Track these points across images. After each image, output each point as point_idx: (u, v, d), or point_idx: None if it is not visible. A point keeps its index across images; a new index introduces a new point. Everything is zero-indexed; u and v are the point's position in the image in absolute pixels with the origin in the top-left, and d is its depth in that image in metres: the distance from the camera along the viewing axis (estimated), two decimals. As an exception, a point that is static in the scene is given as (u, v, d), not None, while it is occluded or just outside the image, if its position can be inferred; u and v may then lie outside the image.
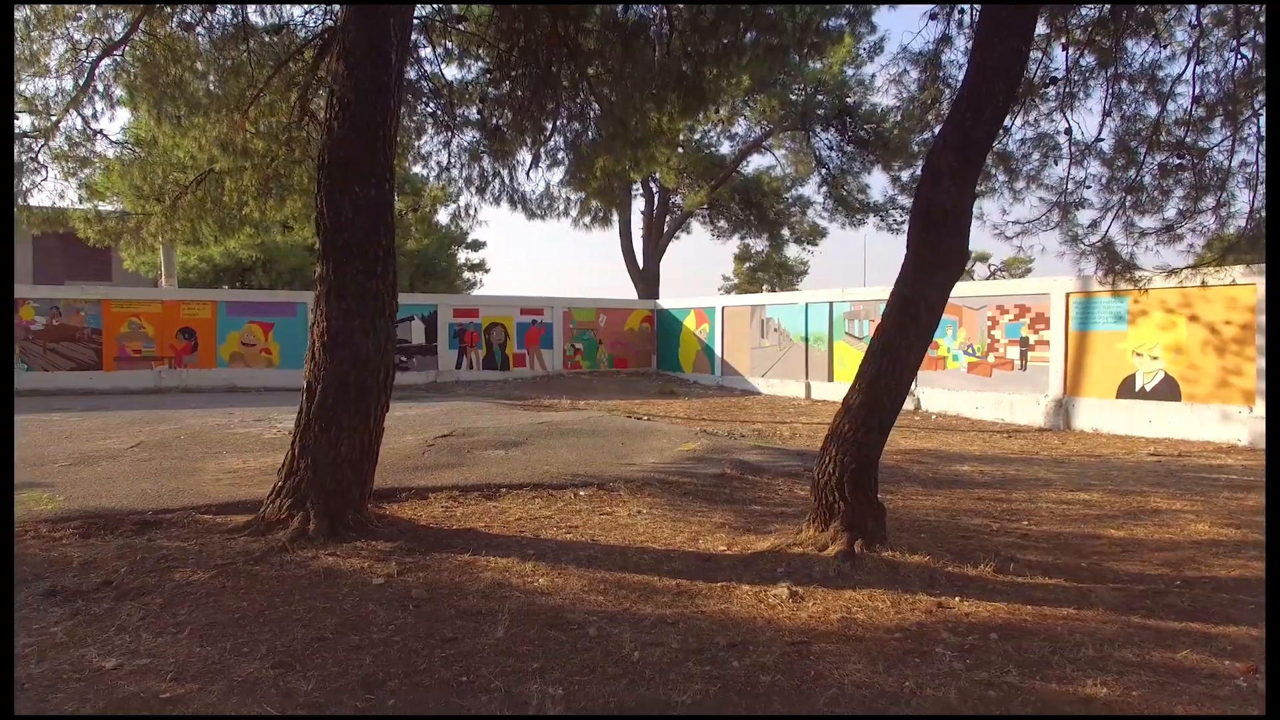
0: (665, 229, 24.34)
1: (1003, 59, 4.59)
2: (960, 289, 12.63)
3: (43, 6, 7.14)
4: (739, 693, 2.87)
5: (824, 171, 20.90)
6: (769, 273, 34.96)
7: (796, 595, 3.86)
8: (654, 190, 23.48)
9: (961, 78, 5.40)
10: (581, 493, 6.14)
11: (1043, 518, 5.82)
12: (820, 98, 19.71)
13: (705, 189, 21.36)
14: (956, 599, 3.86)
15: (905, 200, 16.31)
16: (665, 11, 8.12)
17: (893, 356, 4.62)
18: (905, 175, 14.03)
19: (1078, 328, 11.10)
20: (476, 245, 30.95)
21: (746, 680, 2.96)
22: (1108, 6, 6.76)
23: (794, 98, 19.62)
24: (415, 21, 7.53)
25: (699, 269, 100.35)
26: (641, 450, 8.12)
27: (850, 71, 19.08)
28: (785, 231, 24.05)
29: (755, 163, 23.25)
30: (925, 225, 4.55)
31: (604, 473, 6.80)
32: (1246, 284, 9.36)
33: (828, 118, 20.01)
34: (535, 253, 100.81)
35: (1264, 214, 6.46)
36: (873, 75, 19.12)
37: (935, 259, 4.57)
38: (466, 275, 33.05)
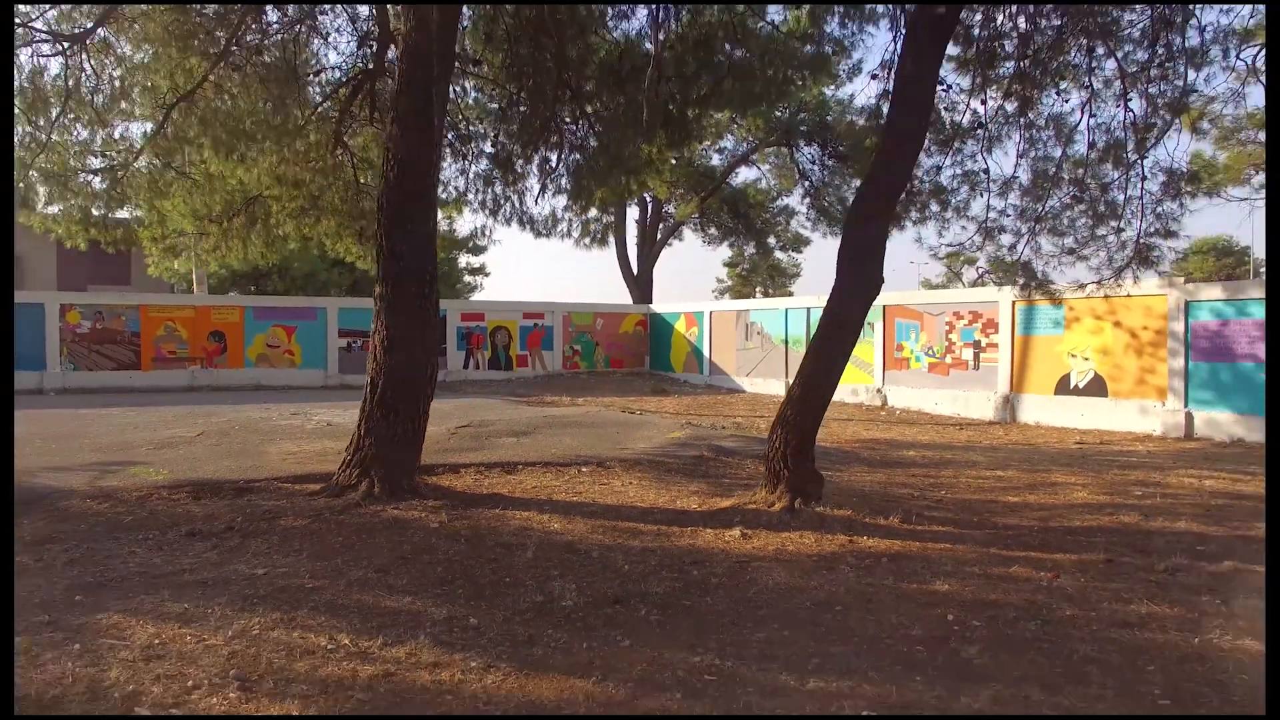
0: (659, 237, 25.69)
1: (910, 128, 5.93)
2: (922, 297, 14.04)
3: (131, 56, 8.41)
4: (696, 587, 4.19)
5: (807, 184, 22.25)
6: (762, 275, 36.32)
7: (746, 535, 5.19)
8: (648, 200, 24.79)
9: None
10: (584, 469, 7.45)
11: (959, 489, 7.15)
12: (803, 115, 21.05)
13: (695, 200, 22.71)
14: (865, 538, 5.18)
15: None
16: (654, 61, 9.42)
17: (825, 359, 5.94)
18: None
19: (1022, 332, 12.45)
20: (477, 249, 32.22)
21: (701, 580, 4.29)
22: (1025, 62, 8.12)
23: (779, 114, 20.95)
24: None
25: (694, 273, 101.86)
26: (634, 438, 9.44)
27: (830, 91, 20.42)
28: (771, 239, 25.43)
29: (743, 175, 24.65)
30: (852, 259, 5.88)
31: (602, 454, 8.12)
32: (1160, 295, 10.74)
33: (810, 134, 21.35)
34: (537, 260, 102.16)
35: (1139, 241, 7.82)
36: (851, 95, 20.50)
37: (859, 285, 5.89)
38: (467, 279, 34.35)
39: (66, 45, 6.40)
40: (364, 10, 9.95)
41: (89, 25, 6.35)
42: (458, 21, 7.34)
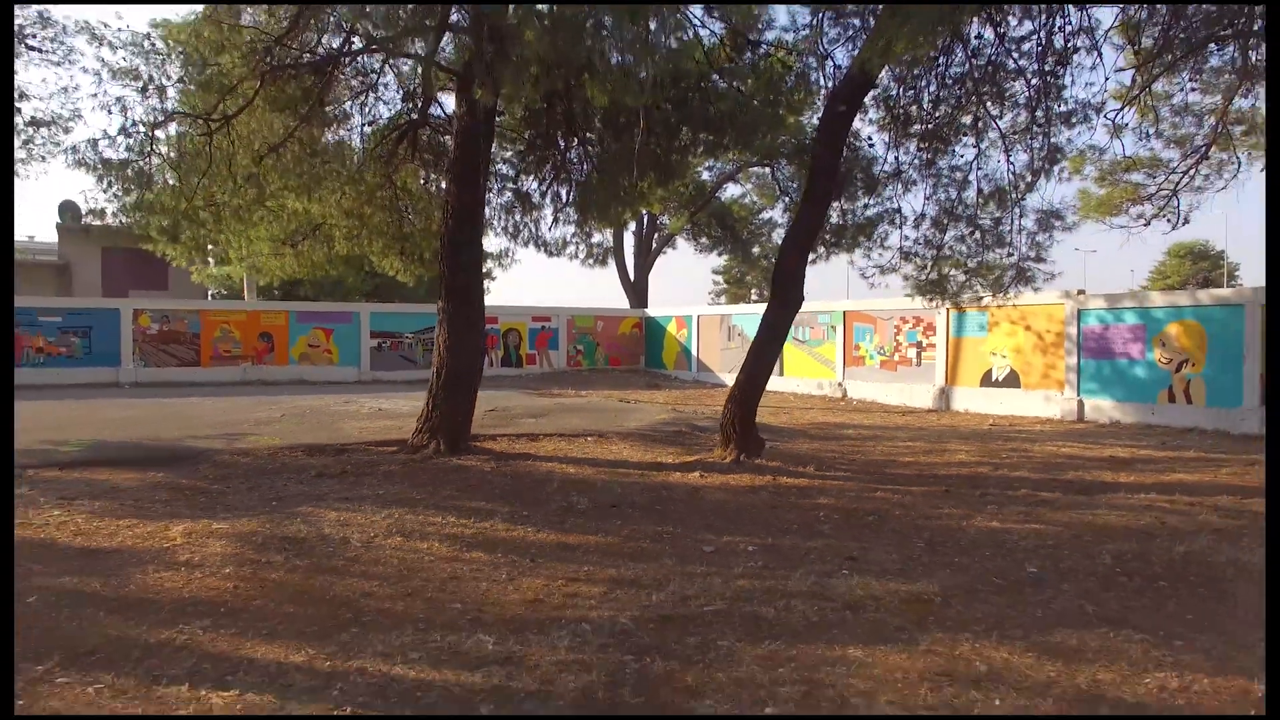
0: (653, 246, 27.98)
1: (820, 193, 8.21)
2: (875, 305, 16.27)
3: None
4: (664, 500, 6.46)
5: (786, 200, 24.49)
6: (756, 281, 38.58)
7: (702, 476, 7.45)
8: (644, 214, 27.07)
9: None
10: (589, 439, 9.72)
11: (871, 454, 9.41)
12: (783, 138, 23.28)
13: (686, 215, 24.97)
14: (784, 479, 7.45)
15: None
16: (643, 116, 11.67)
17: (763, 356, 8.21)
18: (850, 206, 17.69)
19: (955, 335, 14.72)
20: (504, 266, 34.48)
21: (668, 497, 6.56)
22: (930, 125, 10.39)
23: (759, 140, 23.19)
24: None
25: (688, 278, 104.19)
26: (628, 419, 11.71)
27: (807, 117, 22.66)
28: (755, 249, 27.71)
29: (730, 190, 26.93)
30: (780, 283, 8.15)
31: (603, 429, 10.39)
32: (1059, 304, 13.02)
33: (789, 156, 23.57)
34: (544, 270, 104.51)
35: (1018, 261, 10.09)
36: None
37: (787, 301, 8.16)
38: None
39: (215, 125, 8.66)
40: (407, 69, 12.21)
41: (230, 114, 8.60)
42: (495, 107, 9.59)
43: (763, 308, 19.47)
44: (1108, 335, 12.42)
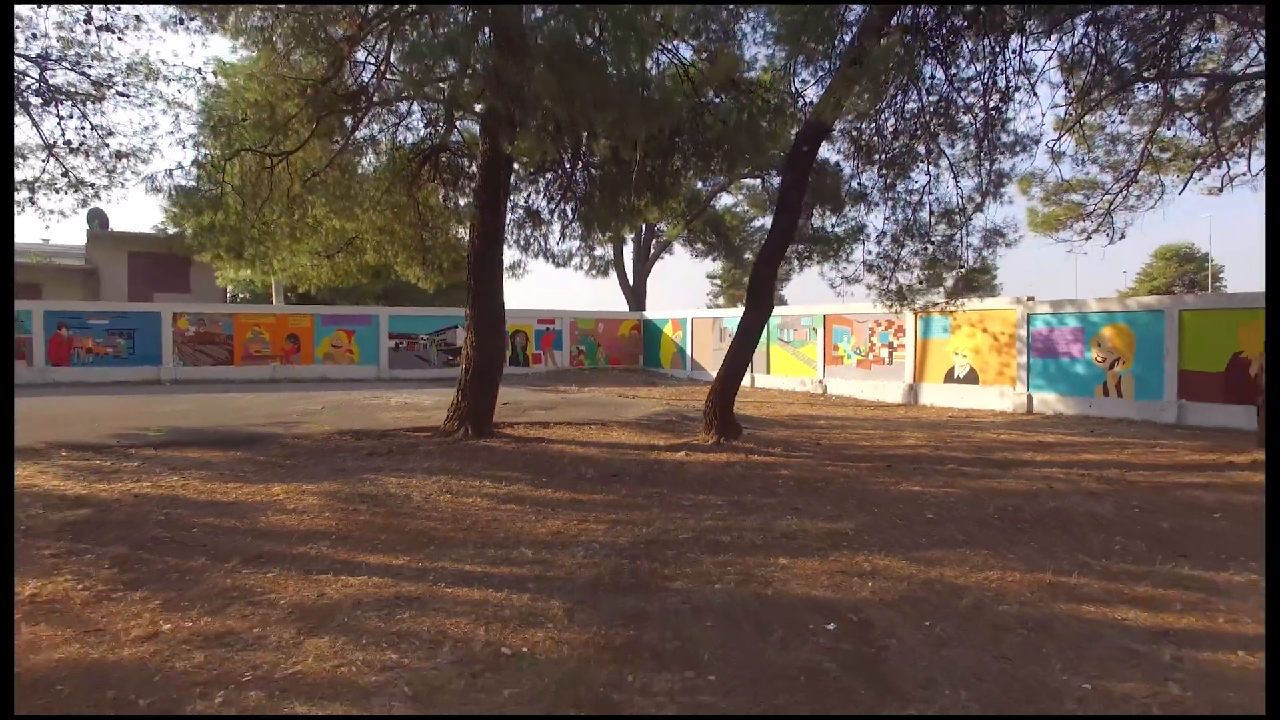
0: (651, 252, 29.49)
1: (789, 215, 9.71)
2: (852, 309, 17.74)
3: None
4: (655, 471, 7.97)
5: (775, 208, 25.98)
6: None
7: (688, 454, 8.97)
8: (641, 223, 28.58)
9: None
10: (592, 426, 11.23)
11: (835, 439, 10.91)
12: (774, 152, 24.78)
13: (682, 223, 26.46)
14: (755, 457, 8.96)
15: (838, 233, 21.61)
16: (640, 144, 13.14)
17: (739, 355, 9.72)
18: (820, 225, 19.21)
19: (922, 336, 16.22)
20: (516, 276, 36.03)
21: (659, 470, 8.07)
22: (888, 155, 11.89)
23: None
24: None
25: (687, 281, 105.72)
26: (626, 411, 13.22)
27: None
28: (748, 255, 29.20)
29: (724, 200, 28.43)
30: (755, 290, 9.66)
31: (605, 420, 11.90)
32: (1012, 309, 14.53)
33: (778, 167, 25.09)
34: (549, 274, 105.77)
35: (965, 272, 11.59)
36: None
37: (759, 307, 9.67)
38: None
39: (275, 160, 10.14)
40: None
41: (288, 150, 10.08)
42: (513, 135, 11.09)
43: (772, 308, 21.05)
44: (1053, 337, 13.94)
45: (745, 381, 20.39)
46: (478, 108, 10.74)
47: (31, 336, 17.92)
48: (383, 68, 10.82)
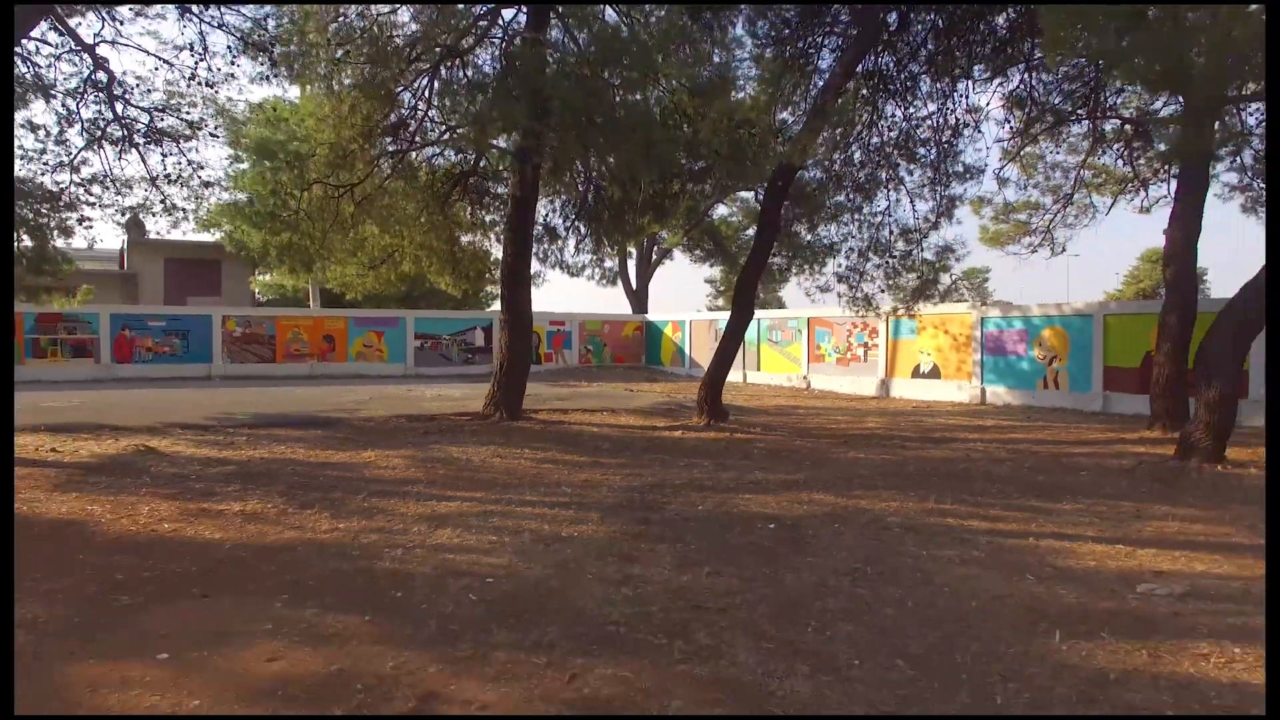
0: (653, 259, 31.52)
1: (767, 236, 11.73)
2: (833, 312, 19.67)
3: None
4: (656, 445, 9.99)
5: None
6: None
7: (684, 434, 10.98)
8: (645, 237, 30.60)
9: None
10: (604, 413, 13.25)
11: (807, 423, 12.91)
12: (759, 173, 26.80)
13: (681, 232, 28.47)
14: (739, 435, 10.97)
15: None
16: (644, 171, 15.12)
17: (726, 352, 11.74)
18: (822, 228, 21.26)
19: (893, 337, 18.23)
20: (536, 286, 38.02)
21: (659, 444, 10.09)
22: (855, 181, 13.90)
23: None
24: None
25: (687, 285, 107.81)
26: (632, 402, 15.23)
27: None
28: (743, 260, 31.21)
29: (720, 210, 30.41)
30: (740, 297, 11.67)
31: (614, 408, 13.92)
32: (968, 313, 16.54)
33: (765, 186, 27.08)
34: (562, 280, 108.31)
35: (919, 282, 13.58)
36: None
37: (743, 312, 11.68)
38: (490, 288, 40.14)
39: (341, 191, 12.13)
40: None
41: (353, 183, 12.08)
42: (539, 178, 13.10)
43: (753, 314, 23.00)
44: (1002, 338, 15.95)
45: (738, 377, 22.44)
46: (503, 143, 12.79)
47: (98, 337, 19.95)
48: (425, 108, 12.87)
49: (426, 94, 12.90)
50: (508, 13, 12.30)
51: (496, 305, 34.32)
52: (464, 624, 3.83)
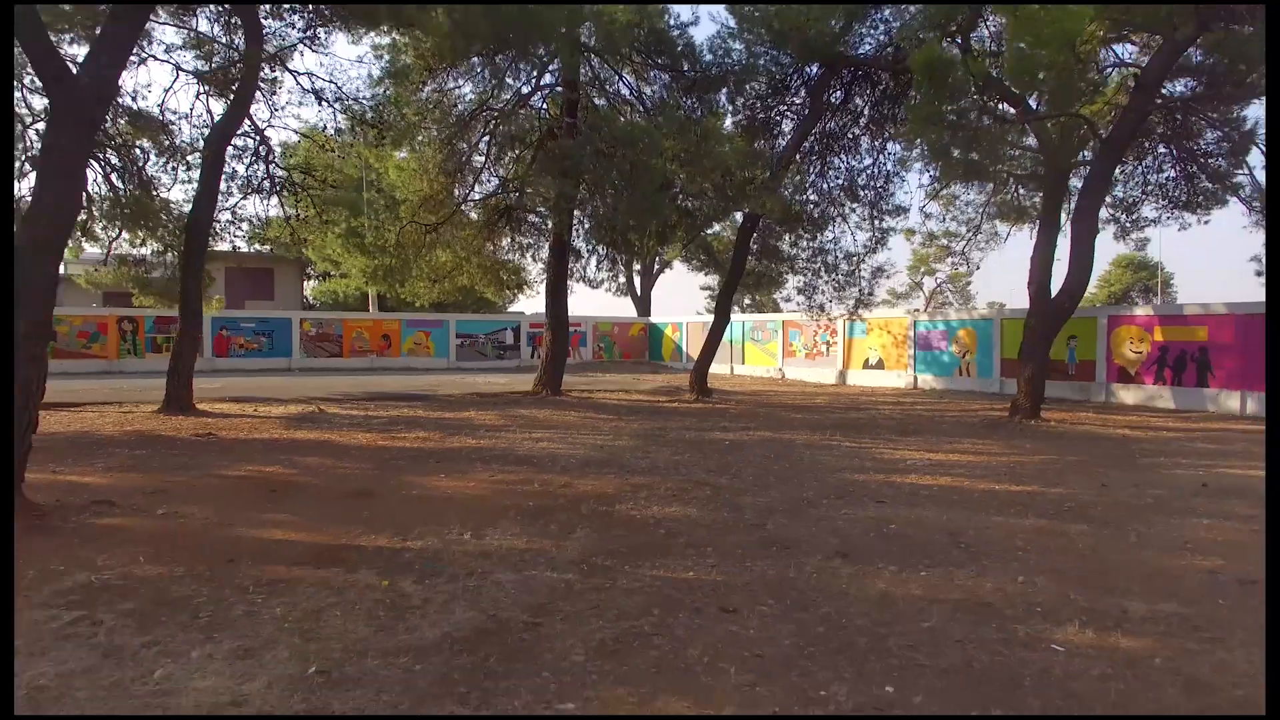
0: (655, 268, 35.77)
1: (740, 260, 15.98)
2: (801, 317, 23.87)
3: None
4: (658, 411, 14.23)
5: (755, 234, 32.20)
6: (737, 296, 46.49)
7: (678, 405, 15.23)
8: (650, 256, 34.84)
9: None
10: (620, 393, 17.48)
11: (770, 401, 17.13)
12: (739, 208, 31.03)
13: (680, 247, 32.67)
14: (717, 405, 15.20)
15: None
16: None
17: (709, 346, 15.98)
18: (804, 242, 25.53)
19: (848, 336, 22.45)
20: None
21: (660, 409, 14.34)
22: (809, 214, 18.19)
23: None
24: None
25: (687, 290, 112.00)
26: (640, 386, 19.46)
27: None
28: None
29: (714, 227, 34.60)
30: (720, 307, 15.87)
31: (626, 390, 18.16)
32: (904, 317, 20.77)
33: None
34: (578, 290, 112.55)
35: (863, 290, 17.80)
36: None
37: (722, 318, 15.90)
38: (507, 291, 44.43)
39: (426, 228, 16.33)
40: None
41: (439, 221, 16.28)
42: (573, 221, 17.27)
43: (733, 318, 27.04)
44: (929, 336, 20.18)
45: (726, 370, 26.73)
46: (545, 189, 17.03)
47: (201, 335, 24.18)
48: (482, 160, 17.13)
49: (484, 149, 17.18)
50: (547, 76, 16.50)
51: (514, 307, 38.56)
52: (571, 468, 8.06)
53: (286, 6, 13.26)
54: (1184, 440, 10.95)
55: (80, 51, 12.04)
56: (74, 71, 6.29)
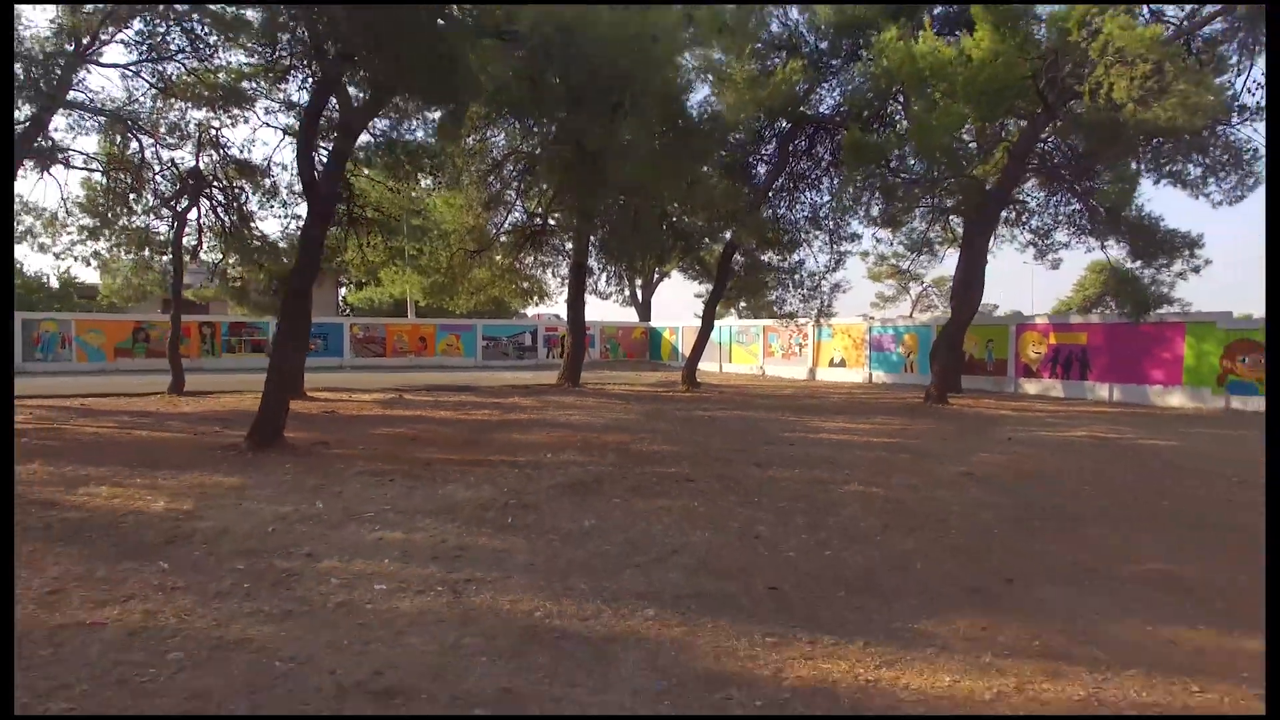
0: (655, 278, 39.72)
1: (721, 280, 19.91)
2: (777, 323, 27.87)
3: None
4: (657, 398, 18.19)
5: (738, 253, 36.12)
6: (724, 306, 50.57)
7: (673, 394, 19.19)
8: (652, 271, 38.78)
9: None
10: (626, 386, 21.42)
11: (749, 392, 21.07)
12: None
13: (676, 260, 36.58)
14: (705, 395, 19.15)
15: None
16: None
17: (698, 347, 19.94)
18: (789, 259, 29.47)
19: (818, 339, 26.39)
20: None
21: (659, 397, 18.31)
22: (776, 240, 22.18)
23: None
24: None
25: (684, 296, 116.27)
26: (641, 381, 23.41)
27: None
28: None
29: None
30: (706, 315, 19.83)
31: (631, 383, 22.11)
32: (862, 324, 24.73)
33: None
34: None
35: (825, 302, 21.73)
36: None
37: (707, 323, 19.84)
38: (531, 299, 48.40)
39: (469, 253, 20.21)
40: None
41: (481, 249, 20.16)
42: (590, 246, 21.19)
43: (720, 322, 31.11)
44: (882, 340, 24.12)
45: (715, 368, 30.73)
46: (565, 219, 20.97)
47: (267, 338, 28.11)
48: (514, 196, 21.08)
49: (515, 185, 21.12)
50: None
51: (527, 312, 42.68)
52: (597, 429, 11.99)
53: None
54: (1042, 418, 14.89)
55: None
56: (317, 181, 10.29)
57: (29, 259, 59.31)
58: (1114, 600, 4.64)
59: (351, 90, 11.90)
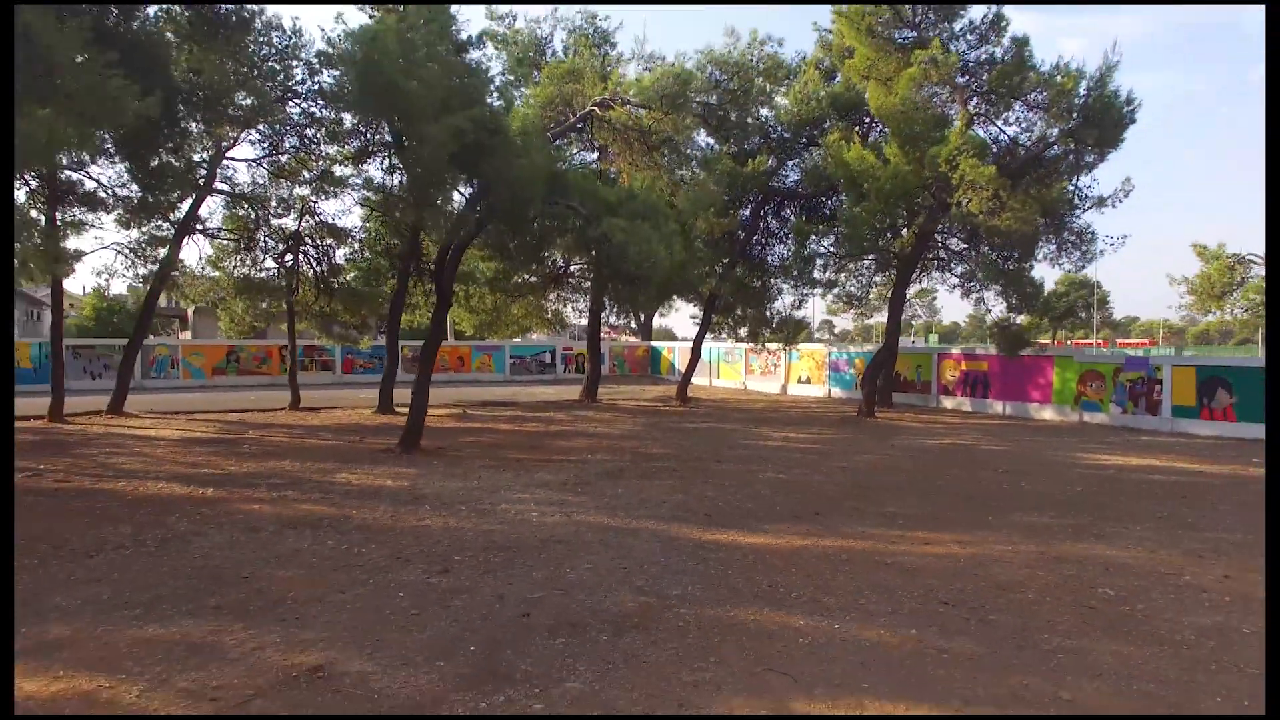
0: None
1: (707, 314, 25.33)
2: (754, 346, 33.32)
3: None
4: (656, 411, 23.61)
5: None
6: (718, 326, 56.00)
7: (668, 407, 24.60)
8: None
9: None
10: (633, 400, 26.82)
11: (728, 405, 26.47)
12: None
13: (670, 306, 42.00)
14: (693, 409, 24.56)
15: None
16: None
17: (689, 368, 25.35)
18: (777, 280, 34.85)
19: (789, 360, 31.78)
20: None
21: (658, 410, 23.73)
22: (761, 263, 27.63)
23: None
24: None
25: (679, 318, 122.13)
26: (644, 395, 28.80)
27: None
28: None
29: (700, 270, 43.97)
30: (695, 346, 25.21)
31: (636, 398, 27.51)
32: (822, 348, 30.16)
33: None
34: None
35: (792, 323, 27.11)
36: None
37: (698, 345, 25.23)
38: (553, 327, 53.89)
39: (509, 296, 25.56)
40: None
41: (518, 293, 25.51)
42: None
43: (710, 343, 36.75)
44: (838, 363, 29.53)
45: (706, 382, 36.20)
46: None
47: (334, 359, 33.53)
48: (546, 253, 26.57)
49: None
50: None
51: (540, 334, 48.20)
52: (616, 437, 17.37)
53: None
54: (935, 429, 20.25)
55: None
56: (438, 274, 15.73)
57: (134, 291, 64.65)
58: (861, 520, 10.00)
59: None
